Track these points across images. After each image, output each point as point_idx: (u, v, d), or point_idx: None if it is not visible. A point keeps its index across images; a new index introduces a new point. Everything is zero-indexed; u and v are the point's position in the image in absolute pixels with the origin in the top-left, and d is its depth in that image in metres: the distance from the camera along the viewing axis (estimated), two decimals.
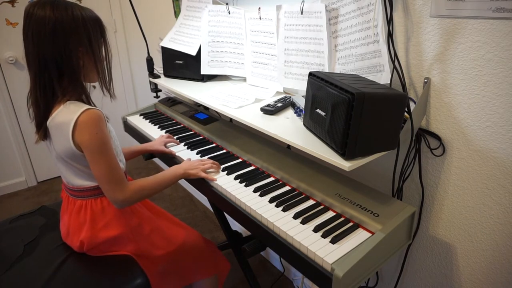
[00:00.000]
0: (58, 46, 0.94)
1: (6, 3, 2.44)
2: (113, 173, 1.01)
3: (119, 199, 1.03)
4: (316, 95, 0.93)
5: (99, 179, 1.02)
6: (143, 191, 1.07)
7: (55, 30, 0.93)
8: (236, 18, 1.39)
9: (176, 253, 1.22)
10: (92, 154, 0.98)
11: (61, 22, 0.93)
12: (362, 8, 0.99)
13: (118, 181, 1.02)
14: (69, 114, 0.96)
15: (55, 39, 0.93)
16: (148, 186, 1.08)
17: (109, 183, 1.01)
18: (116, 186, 1.02)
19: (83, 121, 0.96)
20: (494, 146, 0.88)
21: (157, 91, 1.73)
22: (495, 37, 0.81)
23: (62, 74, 0.98)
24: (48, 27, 0.92)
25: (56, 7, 0.93)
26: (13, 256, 1.13)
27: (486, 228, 0.96)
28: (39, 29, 0.93)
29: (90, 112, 0.97)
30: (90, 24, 0.98)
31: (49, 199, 2.66)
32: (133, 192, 1.05)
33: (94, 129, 0.97)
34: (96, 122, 0.97)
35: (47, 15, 0.92)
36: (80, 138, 0.97)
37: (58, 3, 0.95)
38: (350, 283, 0.78)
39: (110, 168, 1.00)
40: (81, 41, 0.97)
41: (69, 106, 0.98)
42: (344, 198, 0.96)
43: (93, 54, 1.01)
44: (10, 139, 2.67)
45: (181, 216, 2.41)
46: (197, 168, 1.13)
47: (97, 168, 1.00)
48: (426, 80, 0.95)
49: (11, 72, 2.56)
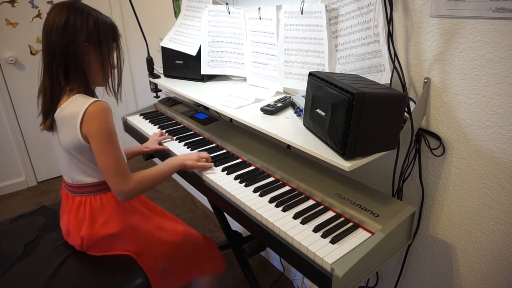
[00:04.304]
0: (66, 40, 1.00)
1: (6, 3, 2.44)
2: (119, 165, 1.04)
3: (125, 190, 1.05)
4: (316, 95, 0.93)
5: (105, 170, 1.03)
6: (145, 182, 1.10)
7: (66, 24, 0.99)
8: (236, 18, 1.39)
9: (176, 251, 1.22)
10: (99, 144, 1.01)
11: (74, 18, 1.00)
12: (362, 8, 0.99)
13: (124, 173, 1.05)
14: (78, 105, 1.00)
15: (64, 33, 0.99)
16: (150, 177, 1.11)
17: (115, 174, 1.03)
18: (122, 178, 1.04)
19: (91, 112, 0.99)
20: (494, 146, 0.88)
21: (157, 91, 1.73)
22: (495, 37, 0.81)
23: (69, 67, 1.02)
24: (61, 22, 0.99)
25: (73, 7, 1.01)
26: (13, 256, 1.13)
27: (486, 228, 0.96)
28: (52, 24, 0.99)
29: (98, 103, 1.01)
30: (102, 26, 1.04)
31: (49, 199, 2.66)
32: (137, 183, 1.07)
33: (102, 120, 1.00)
34: (104, 113, 1.01)
35: (63, 12, 1.00)
36: (88, 128, 1.00)
37: (76, 4, 1.02)
38: (350, 283, 0.78)
39: (116, 159, 1.03)
40: (89, 38, 1.02)
41: (78, 98, 1.02)
42: (344, 198, 0.96)
43: (101, 54, 1.06)
44: (10, 139, 2.66)
45: (181, 216, 2.41)
46: (193, 159, 1.16)
47: (103, 158, 1.02)
48: (426, 80, 0.95)
49: (11, 72, 2.56)
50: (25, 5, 2.50)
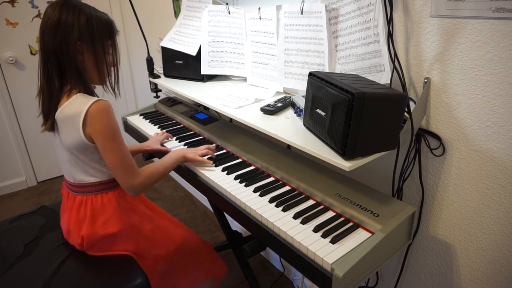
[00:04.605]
0: (58, 38, 0.99)
1: (6, 3, 2.44)
2: (126, 160, 1.04)
3: (135, 184, 1.06)
4: (316, 95, 0.93)
5: (113, 167, 1.04)
6: (153, 175, 1.11)
7: (59, 22, 0.98)
8: (236, 18, 1.39)
9: (176, 253, 1.22)
10: (105, 142, 1.01)
11: (66, 16, 0.98)
12: (362, 8, 0.99)
13: (131, 168, 1.06)
14: (79, 105, 1.00)
15: (57, 31, 0.98)
16: (157, 170, 1.12)
17: (123, 170, 1.04)
18: (130, 173, 1.05)
19: (94, 111, 0.99)
20: (494, 146, 0.88)
21: (157, 91, 1.73)
22: (495, 37, 0.81)
23: (63, 67, 1.02)
24: (54, 20, 0.98)
25: (66, 4, 1.00)
26: (13, 256, 1.13)
27: (486, 228, 0.96)
28: (46, 22, 0.99)
29: (100, 102, 1.01)
30: (96, 23, 1.02)
31: (49, 199, 2.66)
32: (146, 177, 1.09)
33: (105, 118, 1.00)
34: (107, 112, 1.01)
35: (56, 10, 0.99)
36: (91, 128, 1.00)
37: (69, 2, 1.00)
38: (350, 283, 0.78)
39: (123, 155, 1.03)
40: (81, 36, 1.00)
41: (79, 97, 1.02)
42: (344, 198, 0.96)
43: (95, 52, 1.04)
44: (10, 139, 2.66)
45: (181, 216, 2.41)
46: (194, 152, 1.18)
47: (110, 156, 1.03)
48: (426, 80, 0.95)
49: (11, 72, 2.56)
50: (25, 5, 2.50)
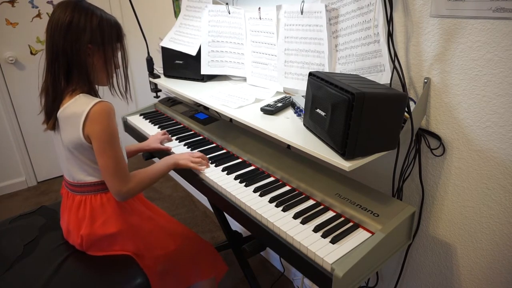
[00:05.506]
0: (69, 40, 0.99)
1: (6, 3, 2.44)
2: (119, 166, 1.04)
3: (123, 191, 1.05)
4: (316, 95, 0.93)
5: (105, 171, 1.04)
6: (143, 182, 1.11)
7: (70, 24, 0.98)
8: (236, 18, 1.39)
9: (176, 254, 1.22)
10: (101, 145, 1.01)
11: (78, 19, 0.99)
12: (362, 8, 0.99)
13: (123, 174, 1.05)
14: (82, 105, 1.00)
15: (68, 33, 0.99)
16: (147, 177, 1.12)
17: (114, 175, 1.04)
18: (120, 179, 1.05)
19: (95, 112, 0.99)
20: (494, 146, 0.88)
21: (157, 91, 1.73)
22: (495, 37, 0.81)
23: (71, 67, 1.02)
24: (65, 21, 0.98)
25: (78, 6, 1.00)
26: (13, 256, 1.13)
27: (486, 228, 0.96)
28: (57, 22, 0.99)
29: (102, 104, 1.01)
30: (106, 26, 1.03)
31: (49, 199, 2.66)
32: (135, 184, 1.08)
33: (105, 120, 1.00)
34: (108, 114, 1.01)
35: (68, 11, 0.99)
36: (91, 128, 1.00)
37: (81, 4, 1.01)
38: (350, 283, 0.78)
39: (116, 160, 1.03)
40: (92, 38, 1.01)
41: (82, 98, 1.02)
42: (344, 198, 0.96)
43: (104, 54, 1.05)
44: (10, 139, 2.66)
45: (181, 216, 2.41)
46: (187, 159, 1.16)
47: (103, 159, 1.02)
48: (426, 80, 0.95)
49: (11, 72, 2.56)
50: (25, 5, 2.50)
